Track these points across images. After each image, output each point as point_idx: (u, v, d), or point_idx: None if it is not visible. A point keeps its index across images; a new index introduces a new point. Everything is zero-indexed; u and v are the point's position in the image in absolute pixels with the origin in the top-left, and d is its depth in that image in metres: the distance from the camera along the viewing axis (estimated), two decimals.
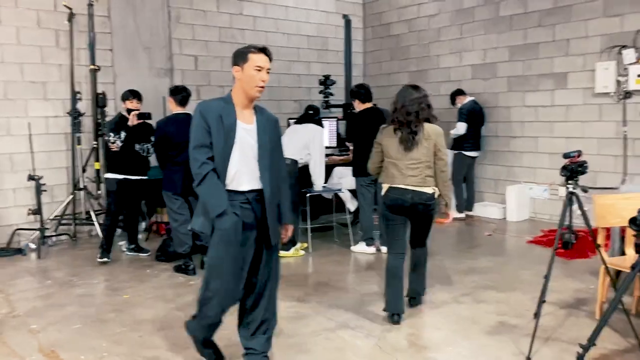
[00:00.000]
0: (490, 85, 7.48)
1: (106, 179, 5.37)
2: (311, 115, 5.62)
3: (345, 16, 7.88)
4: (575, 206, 3.11)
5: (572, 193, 3.09)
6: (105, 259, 5.21)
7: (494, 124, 7.44)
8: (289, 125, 5.94)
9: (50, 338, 3.49)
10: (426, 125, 3.63)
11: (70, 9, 5.97)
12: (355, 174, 5.55)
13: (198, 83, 7.38)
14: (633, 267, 2.80)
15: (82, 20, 6.21)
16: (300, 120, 5.69)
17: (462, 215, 7.24)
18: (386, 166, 3.71)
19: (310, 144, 5.44)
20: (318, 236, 6.29)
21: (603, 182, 6.38)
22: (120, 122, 5.15)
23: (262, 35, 8.02)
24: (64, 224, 6.10)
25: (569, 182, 3.08)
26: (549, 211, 6.86)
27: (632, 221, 2.71)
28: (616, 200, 3.54)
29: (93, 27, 6.02)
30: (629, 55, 5.98)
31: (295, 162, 5.32)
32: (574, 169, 3.06)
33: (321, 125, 5.66)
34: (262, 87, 2.59)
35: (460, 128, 7.06)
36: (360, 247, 5.56)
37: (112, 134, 5.07)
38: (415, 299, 3.95)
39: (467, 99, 7.22)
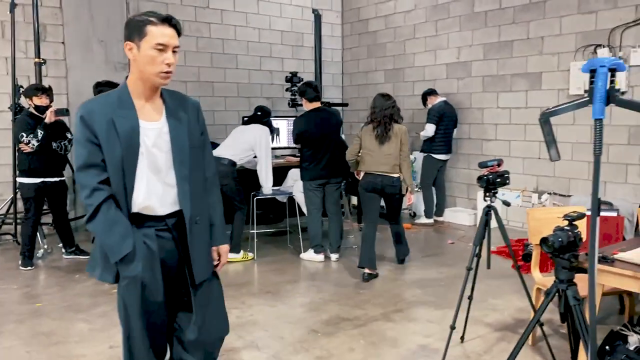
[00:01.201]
0: (465, 85, 7.13)
1: (20, 184, 4.97)
2: (259, 117, 5.33)
3: (315, 11, 7.55)
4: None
5: (489, 207, 2.76)
6: (29, 267, 4.93)
7: (467, 125, 7.09)
8: (243, 123, 5.63)
9: None
10: (395, 125, 4.67)
11: None
12: (302, 177, 5.24)
13: None
14: (547, 294, 2.47)
15: (30, 11, 5.96)
16: (247, 121, 5.39)
17: (431, 220, 6.91)
18: (363, 156, 4.70)
19: (255, 146, 5.15)
20: (272, 241, 6.00)
21: (577, 189, 6.02)
22: (32, 121, 4.81)
23: (231, 29, 7.73)
24: (7, 224, 5.87)
25: (487, 194, 2.75)
26: (521, 219, 6.49)
27: (544, 241, 2.38)
28: (551, 214, 3.20)
29: (37, 18, 5.75)
30: (603, 55, 5.60)
31: (232, 162, 5.03)
32: (491, 180, 2.73)
33: (270, 126, 5.35)
34: (169, 72, 1.90)
35: (429, 130, 6.72)
36: (309, 255, 5.26)
37: (24, 134, 4.72)
38: (403, 261, 5.11)
39: (438, 100, 6.87)
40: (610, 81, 1.99)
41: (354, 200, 7.10)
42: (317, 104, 5.19)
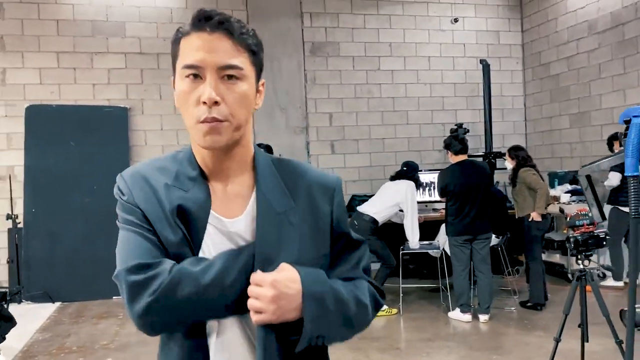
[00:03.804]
0: None
1: None
2: (404, 172, 5.44)
3: (482, 61, 7.41)
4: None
5: (582, 272, 2.44)
6: None
7: None
8: (391, 179, 5.81)
9: None
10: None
11: None
12: (447, 232, 5.14)
13: (332, 138, 7.73)
14: None
15: None
16: (394, 177, 5.54)
17: (620, 283, 5.99)
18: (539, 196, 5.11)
19: (401, 201, 5.26)
20: (426, 297, 5.91)
21: None
22: None
23: (402, 87, 8.03)
24: None
25: (578, 257, 2.45)
26: None
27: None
28: None
29: None
30: None
31: (373, 219, 5.18)
32: (580, 242, 2.43)
33: (416, 181, 5.42)
34: (214, 120, 0.97)
35: (613, 179, 5.94)
36: (456, 314, 5.06)
37: None
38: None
39: None
40: None
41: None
42: (463, 157, 5.10)
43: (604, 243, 2.42)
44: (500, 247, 5.65)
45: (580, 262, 2.43)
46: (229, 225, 1.04)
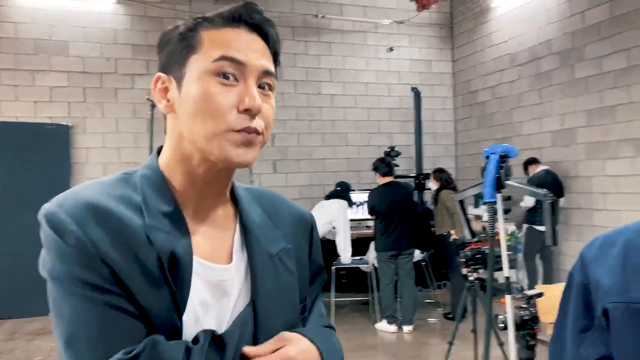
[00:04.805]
0: (570, 153, 6.80)
1: None
2: (338, 192, 5.80)
3: (414, 88, 7.96)
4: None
5: (472, 283, 2.82)
6: None
7: (576, 194, 6.69)
8: (325, 198, 6.15)
9: None
10: None
11: (151, 100, 7.11)
12: (375, 248, 5.51)
13: (274, 158, 8.03)
14: None
15: None
16: (328, 197, 5.89)
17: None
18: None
19: (335, 219, 5.60)
20: (359, 309, 6.25)
21: None
22: None
23: (341, 111, 8.44)
24: None
25: (468, 271, 2.83)
26: None
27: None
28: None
29: None
30: None
31: None
32: (470, 257, 2.81)
33: (348, 200, 5.78)
34: (254, 132, 0.79)
35: (528, 201, 6.51)
36: (382, 325, 5.41)
37: None
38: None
39: (539, 168, 6.65)
40: (500, 167, 2.13)
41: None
42: (389, 179, 5.50)
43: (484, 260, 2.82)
44: (425, 262, 6.07)
45: (470, 274, 2.81)
46: (217, 273, 0.81)
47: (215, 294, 0.80)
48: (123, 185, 0.81)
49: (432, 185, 5.91)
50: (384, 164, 5.52)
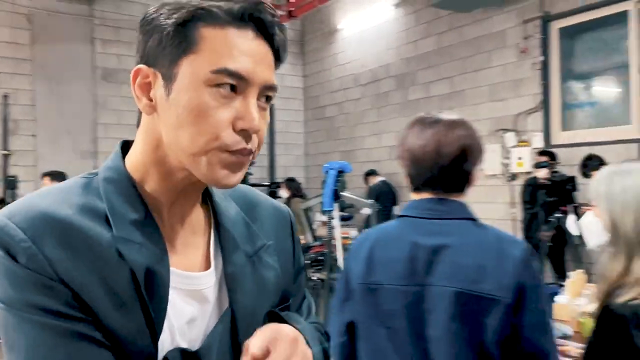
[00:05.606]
0: None
1: None
2: None
3: None
4: None
5: (314, 284, 3.16)
6: None
7: (406, 203, 7.51)
8: None
9: None
10: None
11: None
12: None
13: None
14: None
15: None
16: None
17: None
18: None
19: None
20: None
21: None
22: None
23: None
24: None
25: (312, 271, 3.16)
26: None
27: None
28: None
29: (6, 116, 6.56)
30: (510, 138, 6.08)
31: None
32: (314, 259, 3.15)
33: None
34: (249, 154, 0.70)
35: (366, 209, 7.16)
36: None
37: None
38: None
39: (377, 179, 7.36)
40: (337, 180, 2.47)
41: None
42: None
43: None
44: None
45: (313, 275, 3.14)
46: (198, 282, 0.74)
47: (197, 305, 0.73)
48: (84, 192, 0.70)
49: (284, 193, 6.26)
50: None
